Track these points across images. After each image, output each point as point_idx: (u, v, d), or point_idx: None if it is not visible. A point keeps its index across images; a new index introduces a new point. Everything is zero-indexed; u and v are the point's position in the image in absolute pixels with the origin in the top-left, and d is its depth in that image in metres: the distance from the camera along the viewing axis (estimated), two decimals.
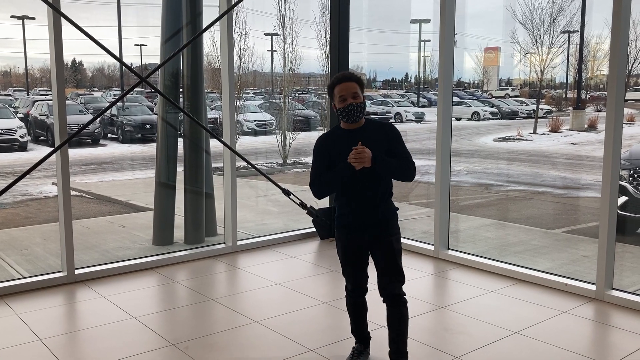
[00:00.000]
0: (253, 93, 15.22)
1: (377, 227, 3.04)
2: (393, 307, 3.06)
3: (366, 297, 3.26)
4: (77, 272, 4.80)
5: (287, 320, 4.01)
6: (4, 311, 4.16)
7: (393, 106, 13.81)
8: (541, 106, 11.03)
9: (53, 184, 9.11)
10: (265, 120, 12.87)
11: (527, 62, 9.78)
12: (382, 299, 3.09)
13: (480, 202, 8.49)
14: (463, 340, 3.66)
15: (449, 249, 5.45)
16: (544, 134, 10.59)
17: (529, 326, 3.85)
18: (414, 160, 3.05)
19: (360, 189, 3.01)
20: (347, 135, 3.02)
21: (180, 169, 6.05)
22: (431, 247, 5.47)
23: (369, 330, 3.39)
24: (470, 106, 12.79)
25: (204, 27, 5.66)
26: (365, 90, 3.06)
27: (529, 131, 10.79)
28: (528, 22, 8.69)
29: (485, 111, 12.56)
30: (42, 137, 12.05)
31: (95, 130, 11.53)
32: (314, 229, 6.15)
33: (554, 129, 10.54)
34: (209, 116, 6.79)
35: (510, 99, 12.08)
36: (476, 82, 12.95)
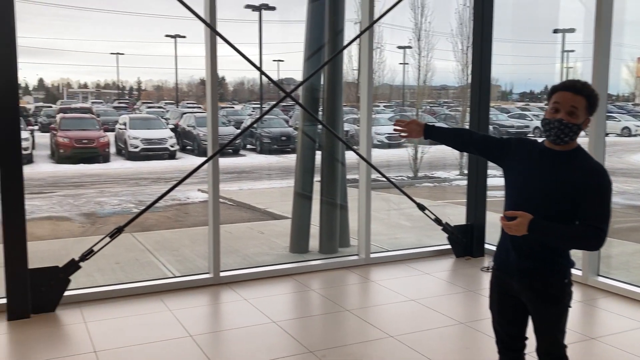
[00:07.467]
0: (383, 106, 15.31)
1: (530, 273, 2.46)
2: None
3: None
4: (222, 274, 5.12)
5: (422, 338, 3.94)
6: (159, 307, 4.54)
7: (532, 119, 13.12)
8: None
9: (199, 190, 9.82)
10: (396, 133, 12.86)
11: None
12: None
13: (634, 226, 7.74)
14: None
15: (599, 275, 5.04)
16: None
17: None
18: (605, 227, 2.34)
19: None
20: (544, 153, 2.47)
21: (316, 179, 6.23)
22: (579, 273, 5.09)
23: None
24: (619, 121, 11.83)
25: (344, 43, 5.80)
26: (593, 111, 2.40)
27: None
28: None
29: (638, 126, 11.55)
30: (188, 147, 13.07)
31: (236, 142, 12.29)
32: (448, 246, 6.01)
33: None
34: None
35: None
36: (626, 94, 11.95)
